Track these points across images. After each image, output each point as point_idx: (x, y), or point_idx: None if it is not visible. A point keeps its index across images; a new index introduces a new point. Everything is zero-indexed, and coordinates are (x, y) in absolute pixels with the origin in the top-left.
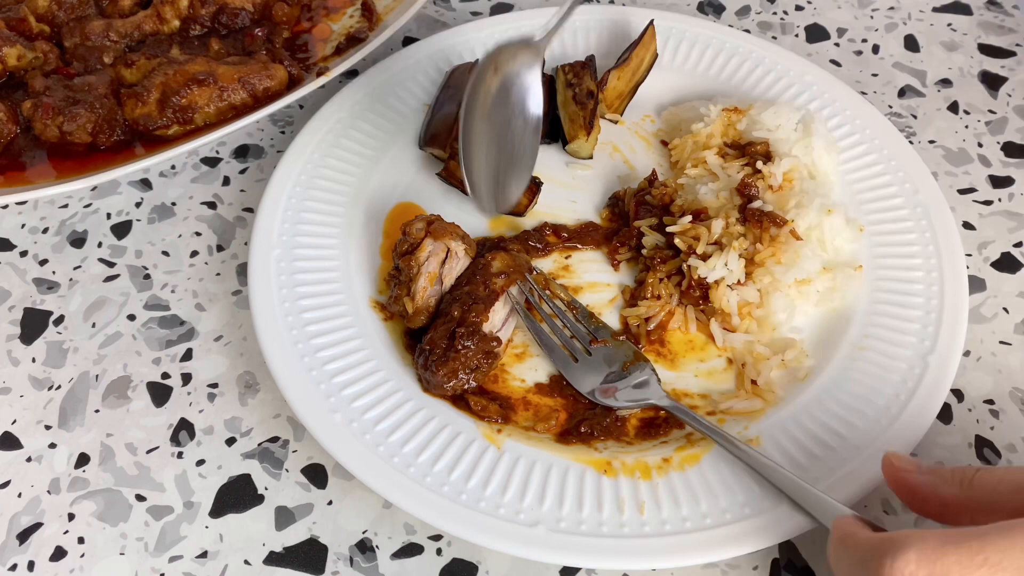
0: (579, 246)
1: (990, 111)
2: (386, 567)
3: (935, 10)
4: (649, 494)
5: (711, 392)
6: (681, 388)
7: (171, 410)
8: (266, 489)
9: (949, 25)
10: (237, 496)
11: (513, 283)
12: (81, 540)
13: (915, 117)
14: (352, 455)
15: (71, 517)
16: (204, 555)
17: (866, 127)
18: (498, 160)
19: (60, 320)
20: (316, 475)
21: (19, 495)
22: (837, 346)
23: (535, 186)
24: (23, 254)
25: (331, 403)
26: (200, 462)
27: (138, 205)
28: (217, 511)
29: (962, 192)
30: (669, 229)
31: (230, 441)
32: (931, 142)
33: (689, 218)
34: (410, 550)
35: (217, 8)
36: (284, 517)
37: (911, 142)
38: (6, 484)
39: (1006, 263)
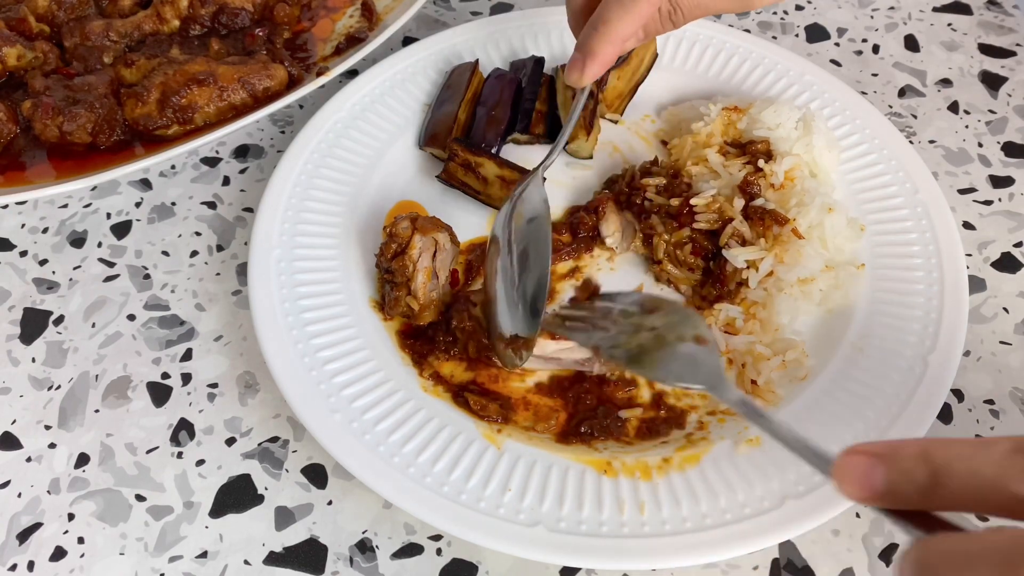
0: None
1: (990, 111)
2: (386, 567)
3: (935, 10)
4: (649, 494)
5: None
6: (681, 388)
7: (171, 410)
8: (266, 489)
9: (949, 25)
10: (237, 496)
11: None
12: (81, 540)
13: (915, 117)
14: (352, 455)
15: (71, 517)
16: (204, 555)
17: (866, 127)
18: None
19: (60, 320)
20: (316, 475)
21: (19, 495)
22: (837, 346)
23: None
24: (23, 254)
25: (331, 403)
26: (200, 462)
27: (138, 205)
28: (217, 511)
29: (962, 192)
30: (693, 200)
31: (230, 441)
32: (931, 142)
33: (714, 189)
34: (410, 550)
35: (217, 8)
36: (284, 517)
37: (911, 142)
38: (6, 484)
39: (1006, 263)
